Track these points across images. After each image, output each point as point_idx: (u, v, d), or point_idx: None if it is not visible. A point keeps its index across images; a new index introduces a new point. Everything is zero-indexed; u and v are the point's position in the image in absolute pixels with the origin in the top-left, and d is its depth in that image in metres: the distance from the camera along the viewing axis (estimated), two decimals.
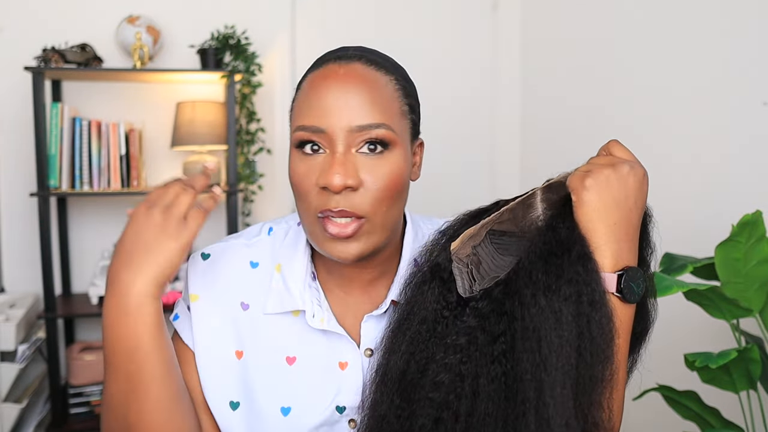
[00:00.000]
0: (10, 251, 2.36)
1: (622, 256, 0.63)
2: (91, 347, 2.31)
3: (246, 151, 2.36)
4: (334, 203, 0.68)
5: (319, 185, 0.69)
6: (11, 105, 2.32)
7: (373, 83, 0.70)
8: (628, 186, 0.64)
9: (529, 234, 0.67)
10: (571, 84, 2.28)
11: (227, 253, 0.81)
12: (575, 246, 0.62)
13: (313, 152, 0.70)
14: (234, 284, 0.79)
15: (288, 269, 0.78)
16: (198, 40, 2.36)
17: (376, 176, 0.69)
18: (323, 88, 0.69)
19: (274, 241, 0.81)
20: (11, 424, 2.00)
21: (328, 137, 0.69)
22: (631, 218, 0.64)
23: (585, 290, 0.60)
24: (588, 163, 0.68)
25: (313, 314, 0.76)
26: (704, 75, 1.66)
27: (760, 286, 1.15)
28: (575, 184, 0.65)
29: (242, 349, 0.77)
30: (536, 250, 0.63)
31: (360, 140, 0.69)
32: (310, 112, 0.69)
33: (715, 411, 1.26)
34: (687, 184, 1.71)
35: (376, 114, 0.69)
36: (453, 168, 2.70)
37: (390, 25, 2.60)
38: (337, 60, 0.72)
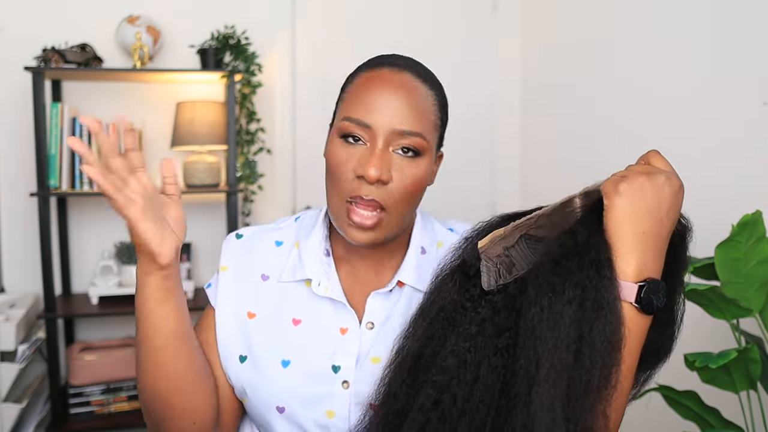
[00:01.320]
0: (10, 251, 2.36)
1: (647, 267, 0.63)
2: (91, 347, 2.31)
3: (246, 151, 2.36)
4: (366, 191, 0.77)
5: (356, 173, 0.78)
6: (11, 105, 2.32)
7: (418, 95, 0.80)
8: (662, 196, 0.64)
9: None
10: (571, 84, 2.28)
11: (257, 234, 0.93)
12: (591, 251, 0.62)
13: (355, 142, 0.79)
14: (258, 259, 0.90)
15: (304, 245, 0.89)
16: (198, 40, 2.36)
17: (404, 176, 0.78)
18: (375, 89, 0.79)
19: (300, 225, 0.93)
20: (11, 424, 2.00)
21: (371, 132, 0.78)
22: (662, 229, 0.64)
23: (592, 295, 0.60)
24: (626, 169, 0.68)
25: (318, 283, 0.86)
26: (704, 75, 1.66)
27: (760, 286, 1.15)
28: (609, 188, 0.64)
29: (255, 311, 0.87)
30: (550, 251, 0.63)
31: (397, 142, 0.78)
32: (360, 107, 0.78)
33: (715, 411, 1.26)
34: (687, 185, 1.70)
35: (416, 123, 0.78)
36: (453, 168, 2.69)
37: (390, 25, 2.60)
38: (392, 66, 0.81)
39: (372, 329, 0.85)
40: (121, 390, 2.28)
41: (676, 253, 0.68)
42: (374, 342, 0.84)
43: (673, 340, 0.71)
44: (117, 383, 2.27)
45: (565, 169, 2.31)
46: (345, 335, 0.84)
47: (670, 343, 0.71)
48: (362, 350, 0.83)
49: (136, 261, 0.77)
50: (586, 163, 2.17)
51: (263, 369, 0.83)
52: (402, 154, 0.78)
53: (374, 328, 0.84)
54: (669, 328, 0.70)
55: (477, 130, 2.71)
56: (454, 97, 3.17)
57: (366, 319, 0.85)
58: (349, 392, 0.82)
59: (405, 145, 0.78)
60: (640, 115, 1.90)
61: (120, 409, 2.28)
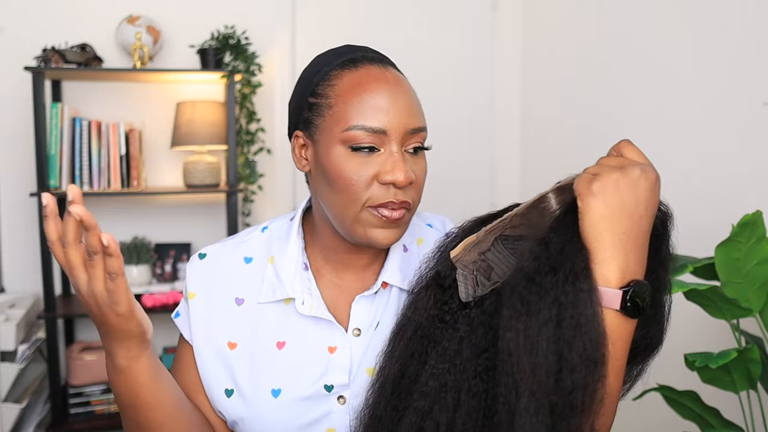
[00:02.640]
0: (10, 251, 2.36)
1: (630, 269, 0.59)
2: (91, 347, 2.31)
3: (246, 151, 2.37)
4: (394, 195, 0.74)
5: (381, 181, 0.73)
6: (11, 105, 2.32)
7: (412, 89, 0.79)
8: (639, 191, 0.60)
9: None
10: (571, 84, 2.28)
11: (222, 252, 0.86)
12: (566, 263, 0.58)
13: (368, 152, 0.74)
14: (228, 281, 0.83)
15: (279, 261, 0.83)
16: (198, 40, 2.36)
17: (419, 172, 0.77)
18: (378, 92, 0.74)
19: (270, 237, 0.86)
20: (11, 424, 2.00)
21: (386, 138, 0.74)
22: (642, 226, 0.60)
23: (569, 313, 0.57)
24: (597, 164, 0.64)
25: (302, 301, 0.80)
26: (704, 75, 1.66)
27: (760, 286, 1.15)
28: (582, 188, 0.60)
29: (235, 341, 0.81)
30: (523, 267, 0.59)
31: (409, 142, 0.75)
32: (368, 113, 0.73)
33: (715, 411, 1.26)
34: (687, 184, 1.71)
35: (421, 118, 0.77)
36: (452, 168, 2.70)
37: (390, 25, 2.60)
38: (372, 62, 0.77)
39: (359, 336, 0.80)
40: None
41: (659, 244, 0.65)
42: (365, 350, 0.79)
43: (662, 334, 0.68)
44: None
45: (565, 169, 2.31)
46: (334, 354, 0.79)
47: (660, 337, 0.68)
48: (353, 361, 0.79)
49: (136, 262, 0.74)
50: (587, 163, 2.17)
51: (253, 401, 0.79)
52: (412, 154, 0.76)
53: (361, 334, 0.80)
54: (658, 324, 0.67)
55: (477, 129, 2.71)
56: (454, 97, 3.19)
57: (352, 325, 0.80)
58: (346, 407, 0.78)
59: (415, 141, 0.76)
60: (640, 115, 1.90)
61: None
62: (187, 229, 2.49)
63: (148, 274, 2.36)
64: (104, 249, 0.59)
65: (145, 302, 2.21)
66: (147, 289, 2.29)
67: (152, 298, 2.22)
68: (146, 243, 2.36)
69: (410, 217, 0.77)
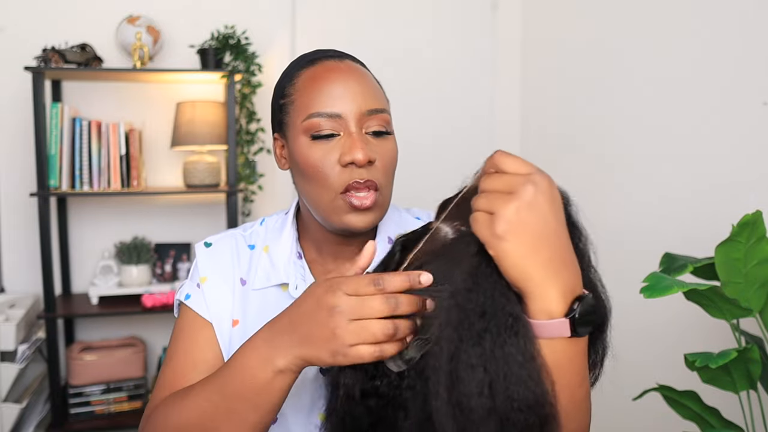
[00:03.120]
0: (10, 251, 2.36)
1: (569, 288, 0.55)
2: (91, 347, 2.31)
3: (246, 151, 2.37)
4: (359, 175, 0.77)
5: (342, 162, 0.77)
6: (11, 105, 2.32)
7: (368, 76, 0.82)
8: (542, 209, 0.54)
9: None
10: (571, 84, 2.28)
11: (226, 239, 0.91)
12: (495, 316, 0.54)
13: (327, 138, 0.78)
14: (234, 264, 0.88)
15: (274, 249, 0.88)
16: (198, 40, 2.36)
17: (383, 154, 0.79)
18: (331, 79, 0.78)
19: (266, 229, 0.92)
20: (11, 424, 2.00)
21: (341, 122, 0.77)
22: (561, 239, 0.56)
23: (503, 371, 0.54)
24: (482, 192, 0.57)
25: (296, 286, 0.84)
26: (704, 75, 1.66)
27: (760, 286, 1.15)
28: (485, 235, 0.55)
29: (238, 318, 0.85)
30: (447, 348, 0.55)
31: (367, 124, 0.79)
32: (323, 99, 0.78)
33: (715, 411, 1.26)
34: (687, 184, 1.71)
35: (378, 100, 0.80)
36: (452, 168, 2.69)
37: (390, 25, 2.60)
38: (331, 57, 0.82)
39: None
40: (121, 390, 2.28)
41: (570, 232, 0.59)
42: None
43: (605, 308, 0.64)
44: (117, 383, 2.27)
45: (565, 169, 2.31)
46: None
47: (605, 311, 0.64)
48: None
49: (136, 262, 0.75)
50: (587, 163, 2.17)
51: None
52: (374, 137, 0.79)
53: None
54: (599, 300, 0.63)
55: (477, 129, 2.71)
56: (453, 97, 3.19)
57: None
58: None
59: (375, 124, 0.79)
60: (640, 114, 1.90)
61: (120, 409, 2.28)
62: (187, 229, 2.49)
63: (148, 274, 2.36)
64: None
65: (145, 302, 2.21)
66: (147, 289, 2.29)
67: (152, 298, 2.22)
68: (146, 243, 2.36)
69: (383, 201, 0.80)
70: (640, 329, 1.85)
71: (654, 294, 1.08)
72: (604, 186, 2.06)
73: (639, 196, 1.89)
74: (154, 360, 2.49)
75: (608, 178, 2.04)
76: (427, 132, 2.63)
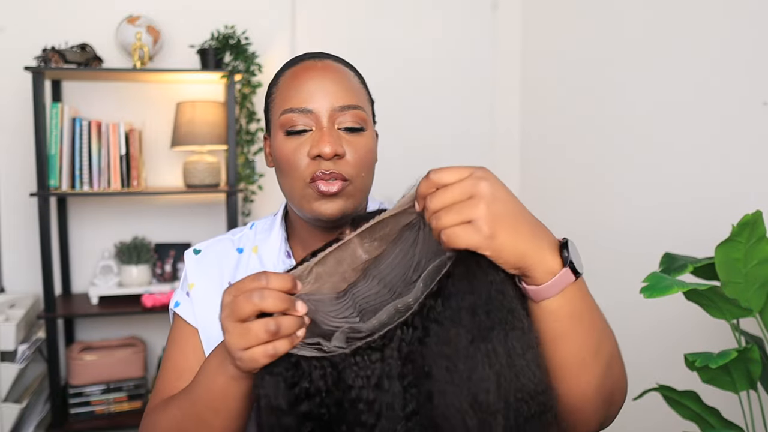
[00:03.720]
0: (10, 251, 2.36)
1: (551, 241, 0.61)
2: (91, 347, 2.31)
3: (246, 151, 2.37)
4: (325, 167, 0.79)
5: (311, 155, 0.80)
6: (11, 105, 2.32)
7: (346, 74, 0.84)
8: (501, 194, 0.59)
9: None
10: (571, 83, 2.28)
11: (215, 245, 0.94)
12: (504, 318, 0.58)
13: (300, 133, 0.81)
14: (223, 269, 0.91)
15: (263, 249, 0.91)
16: (198, 40, 2.36)
17: (356, 148, 0.82)
18: (306, 77, 0.82)
19: (255, 231, 0.94)
20: (11, 424, 2.00)
21: (314, 116, 0.80)
22: (523, 208, 0.61)
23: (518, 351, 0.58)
24: (438, 211, 0.59)
25: None
26: (704, 75, 1.66)
27: (760, 286, 1.15)
28: (476, 241, 0.57)
29: None
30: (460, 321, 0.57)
31: (340, 120, 0.81)
32: (297, 96, 0.81)
33: (715, 411, 1.26)
34: (687, 184, 1.71)
35: (352, 97, 0.82)
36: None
37: (390, 25, 2.60)
38: (312, 57, 0.85)
39: None
40: (121, 390, 2.28)
41: None
42: None
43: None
44: (117, 383, 2.27)
45: (566, 168, 2.31)
46: None
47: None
48: None
49: (136, 262, 0.75)
50: (587, 163, 2.17)
51: None
52: (347, 133, 0.81)
53: None
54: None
55: (476, 129, 2.71)
56: (453, 97, 3.18)
57: None
58: None
59: (348, 120, 0.81)
60: (640, 114, 1.90)
61: (120, 409, 2.28)
62: (187, 229, 2.49)
63: (148, 274, 2.36)
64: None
65: (145, 302, 2.21)
66: (147, 289, 2.29)
67: (152, 298, 2.22)
68: (146, 243, 2.36)
69: (354, 191, 0.82)
70: (640, 329, 1.85)
71: (654, 294, 1.08)
72: (605, 186, 2.06)
73: (639, 197, 1.89)
74: (154, 360, 2.49)
75: (609, 178, 2.04)
76: (426, 132, 2.63)
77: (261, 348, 0.59)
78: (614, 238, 2.00)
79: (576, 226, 2.18)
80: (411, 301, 0.59)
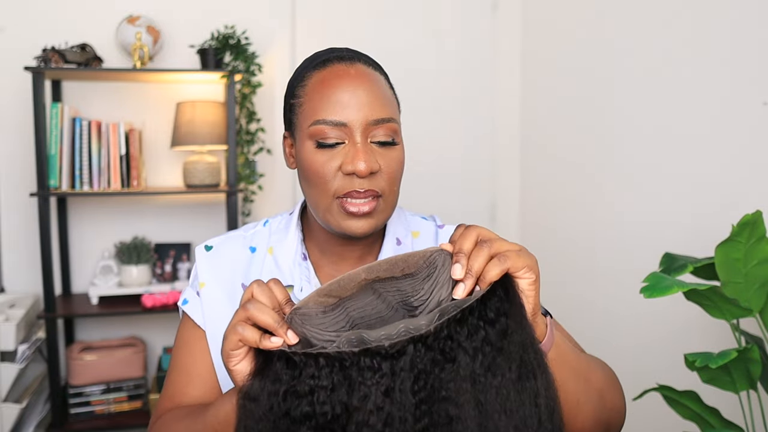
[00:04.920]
0: (10, 251, 2.36)
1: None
2: (91, 347, 2.31)
3: (246, 151, 2.37)
4: (359, 185, 0.77)
5: (344, 171, 0.77)
6: (11, 105, 2.32)
7: (379, 82, 0.80)
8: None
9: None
10: (571, 84, 2.28)
11: (227, 243, 0.90)
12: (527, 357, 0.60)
13: (332, 145, 0.78)
14: (235, 269, 0.88)
15: (279, 251, 0.88)
16: (198, 40, 2.36)
17: (389, 162, 0.79)
18: (338, 86, 0.78)
19: (270, 230, 0.91)
20: (11, 424, 2.00)
21: (347, 130, 0.77)
22: None
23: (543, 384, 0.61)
24: (486, 242, 0.62)
25: (301, 288, 0.84)
26: (704, 75, 1.66)
27: (760, 286, 1.15)
28: (529, 262, 0.61)
29: None
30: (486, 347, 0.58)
31: (373, 133, 0.78)
32: (329, 107, 0.77)
33: (715, 411, 1.26)
34: (687, 184, 1.71)
35: (386, 109, 0.79)
36: (453, 169, 2.70)
37: (390, 25, 2.60)
38: (341, 60, 0.80)
39: None
40: (121, 390, 2.28)
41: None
42: None
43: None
44: (117, 383, 2.27)
45: (566, 169, 2.31)
46: None
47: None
48: None
49: (136, 262, 0.74)
50: (587, 163, 2.17)
51: None
52: (380, 146, 0.79)
53: None
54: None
55: (477, 130, 2.71)
56: (453, 97, 3.17)
57: None
58: None
59: (382, 133, 0.78)
60: (640, 115, 1.90)
61: (120, 409, 2.28)
62: (187, 229, 2.49)
63: (148, 274, 2.36)
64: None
65: (145, 302, 2.21)
66: (147, 289, 2.29)
67: (152, 298, 2.22)
68: (146, 243, 2.36)
69: (385, 207, 0.80)
70: (640, 329, 1.85)
71: (654, 294, 1.09)
72: (605, 186, 2.06)
73: (639, 197, 1.89)
74: (154, 360, 2.49)
75: (609, 178, 2.04)
76: (426, 132, 2.63)
77: (232, 331, 0.61)
78: (614, 238, 2.00)
79: (576, 227, 2.18)
80: (424, 323, 0.58)
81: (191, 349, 0.86)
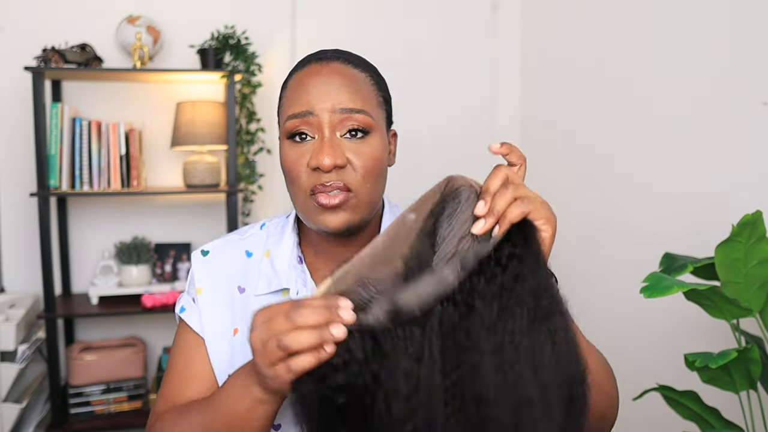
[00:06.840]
0: (10, 251, 2.36)
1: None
2: (91, 347, 2.31)
3: (246, 151, 2.37)
4: (326, 179, 0.76)
5: (310, 167, 0.77)
6: (11, 105, 2.32)
7: (353, 77, 0.79)
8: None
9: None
10: (571, 84, 2.28)
11: (224, 247, 0.90)
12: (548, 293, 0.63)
13: (302, 140, 0.78)
14: (232, 273, 0.87)
15: (275, 253, 0.87)
16: (198, 40, 2.36)
17: (360, 156, 0.77)
18: (308, 83, 0.78)
19: (267, 233, 0.90)
20: (11, 424, 2.00)
21: (316, 121, 0.77)
22: None
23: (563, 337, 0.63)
24: (511, 184, 0.71)
25: (297, 291, 0.84)
26: (704, 75, 1.66)
27: (760, 286, 1.15)
28: (549, 216, 0.67)
29: (239, 326, 0.85)
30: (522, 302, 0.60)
31: (343, 125, 0.77)
32: (298, 101, 0.78)
33: (715, 411, 1.26)
34: (687, 184, 1.71)
35: (356, 100, 0.77)
36: (453, 168, 2.69)
37: (390, 25, 2.59)
38: (318, 60, 0.81)
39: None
40: (121, 390, 2.28)
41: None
42: None
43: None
44: (117, 383, 2.27)
45: (565, 169, 2.31)
46: None
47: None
48: None
49: (136, 262, 0.75)
50: (587, 163, 2.17)
51: None
52: (351, 138, 0.77)
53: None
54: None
55: (477, 129, 2.71)
56: (454, 97, 3.18)
57: None
58: None
59: (351, 125, 0.77)
60: (640, 114, 1.90)
61: (120, 409, 2.28)
62: (187, 229, 2.49)
63: (148, 274, 2.36)
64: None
65: (145, 302, 2.21)
66: (147, 289, 2.29)
67: (152, 298, 2.22)
68: (146, 243, 2.36)
69: (359, 202, 0.78)
70: (640, 329, 1.85)
71: (654, 294, 1.09)
72: (605, 186, 2.06)
73: (639, 196, 1.89)
74: (154, 360, 2.49)
75: (608, 178, 2.04)
76: (427, 132, 2.62)
77: (283, 365, 0.59)
78: (614, 238, 2.00)
79: (576, 227, 2.18)
80: (449, 275, 0.60)
81: (189, 354, 0.85)
